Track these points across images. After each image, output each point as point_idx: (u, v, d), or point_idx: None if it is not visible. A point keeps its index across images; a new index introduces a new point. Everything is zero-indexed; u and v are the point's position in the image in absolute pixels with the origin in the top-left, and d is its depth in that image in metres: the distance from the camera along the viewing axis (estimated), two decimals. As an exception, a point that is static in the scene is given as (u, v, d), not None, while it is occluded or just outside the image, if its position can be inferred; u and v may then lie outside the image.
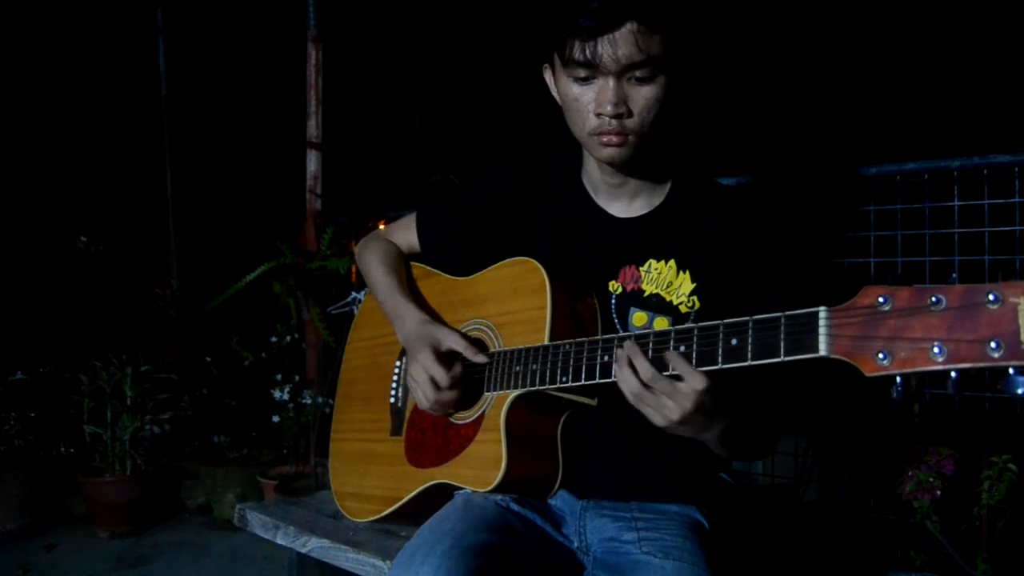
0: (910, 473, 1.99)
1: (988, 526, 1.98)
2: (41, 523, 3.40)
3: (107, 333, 3.76)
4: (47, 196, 4.29)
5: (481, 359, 1.33)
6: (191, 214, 4.34)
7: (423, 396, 1.36)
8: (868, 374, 0.86)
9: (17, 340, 3.71)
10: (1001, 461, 1.92)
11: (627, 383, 1.09)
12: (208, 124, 4.58)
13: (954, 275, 0.85)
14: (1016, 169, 1.93)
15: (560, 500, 1.35)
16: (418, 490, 1.41)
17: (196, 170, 4.41)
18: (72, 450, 3.57)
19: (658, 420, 1.10)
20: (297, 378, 3.33)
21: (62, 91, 4.35)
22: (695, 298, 1.31)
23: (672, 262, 1.32)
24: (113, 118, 4.49)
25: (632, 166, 1.32)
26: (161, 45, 4.32)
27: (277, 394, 3.23)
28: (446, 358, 1.36)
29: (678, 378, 1.06)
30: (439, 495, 1.35)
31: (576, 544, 1.31)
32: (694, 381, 1.05)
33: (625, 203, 1.38)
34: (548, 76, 1.33)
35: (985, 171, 1.97)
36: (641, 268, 1.34)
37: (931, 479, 1.96)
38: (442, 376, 1.33)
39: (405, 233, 1.64)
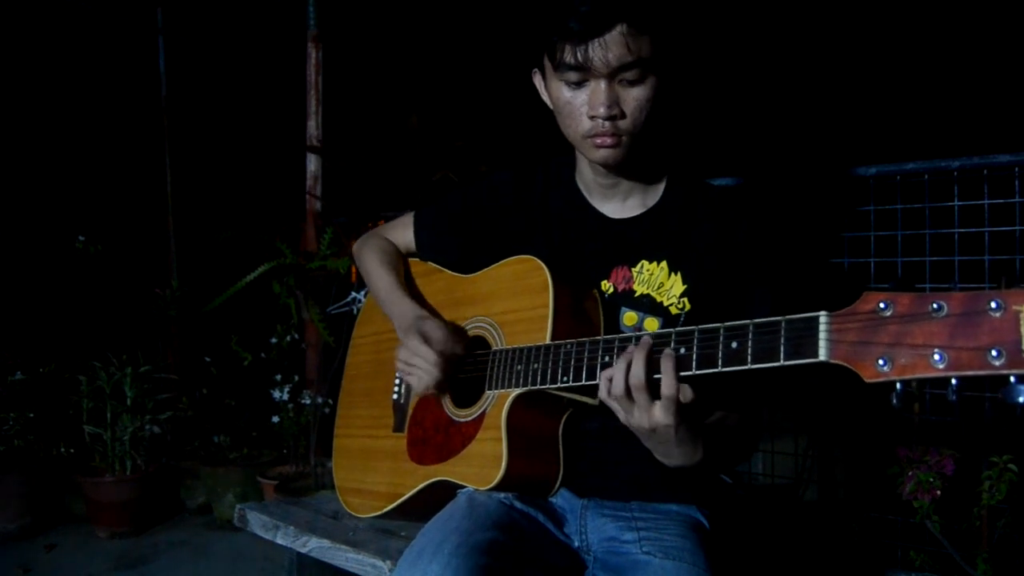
0: (910, 473, 1.99)
1: (988, 526, 1.98)
2: (41, 523, 3.40)
3: (107, 333, 3.76)
4: (46, 196, 4.29)
5: (456, 349, 1.36)
6: (191, 214, 4.34)
7: (415, 379, 1.36)
8: (868, 380, 0.85)
9: (17, 340, 3.71)
10: (1001, 461, 1.92)
11: (617, 380, 1.09)
12: (208, 124, 4.58)
13: (954, 285, 0.85)
14: (1016, 169, 1.93)
15: (561, 499, 1.35)
16: (420, 487, 1.41)
17: (196, 170, 4.40)
18: (72, 450, 3.56)
19: (622, 419, 1.12)
20: (297, 378, 3.32)
21: (62, 91, 4.35)
22: (686, 300, 1.32)
23: (664, 263, 1.33)
24: (113, 118, 4.49)
25: (625, 167, 1.32)
26: (161, 45, 4.31)
27: (277, 394, 3.23)
28: (433, 343, 1.37)
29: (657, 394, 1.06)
30: (441, 492, 1.35)
31: (577, 544, 1.31)
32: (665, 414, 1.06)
33: (618, 204, 1.39)
34: (538, 80, 1.34)
35: (985, 171, 1.97)
36: (633, 269, 1.34)
37: (931, 479, 1.96)
38: (428, 353, 1.34)
39: (403, 232, 1.66)
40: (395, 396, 1.57)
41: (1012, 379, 0.77)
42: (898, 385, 0.84)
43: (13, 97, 4.16)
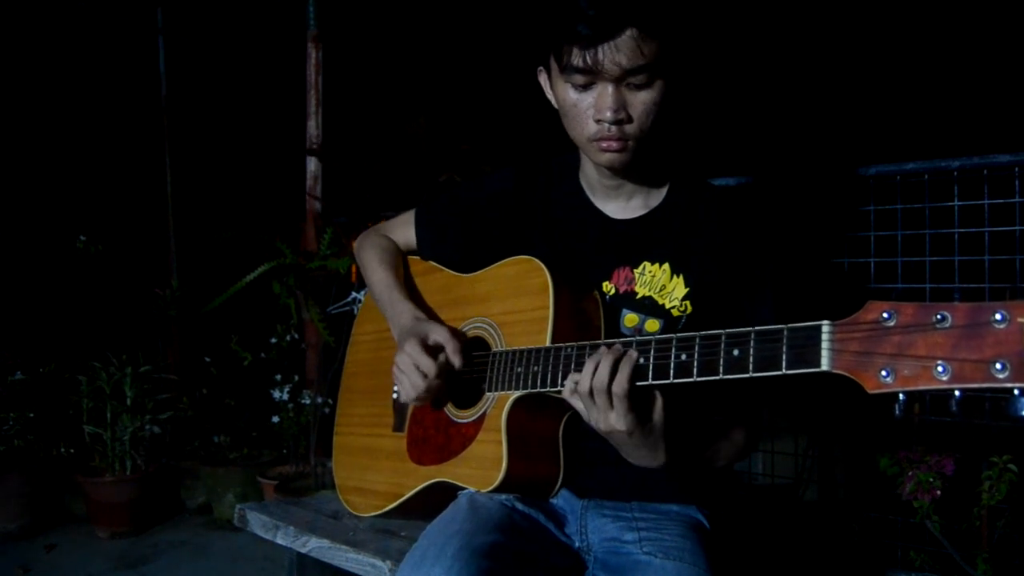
0: (910, 473, 1.99)
1: (988, 526, 1.98)
2: (41, 523, 3.40)
3: (107, 333, 3.76)
4: (47, 196, 4.29)
5: (457, 361, 1.34)
6: (191, 214, 4.34)
7: (410, 385, 1.35)
8: (870, 391, 0.84)
9: (17, 340, 3.71)
10: (1001, 461, 1.92)
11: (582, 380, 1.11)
12: (208, 124, 4.58)
13: (957, 295, 0.83)
14: (1016, 169, 1.93)
15: (561, 500, 1.35)
16: (420, 487, 1.41)
17: (196, 170, 4.41)
18: (72, 450, 3.57)
19: (584, 417, 1.14)
20: (297, 378, 3.32)
21: (62, 91, 4.35)
22: (688, 303, 1.31)
23: (666, 265, 1.33)
24: (113, 118, 4.49)
25: (630, 169, 1.32)
26: (161, 45, 4.31)
27: (277, 394, 3.23)
28: (432, 350, 1.36)
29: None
30: (441, 493, 1.35)
31: (578, 544, 1.31)
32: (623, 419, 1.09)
33: (622, 204, 1.38)
34: (543, 79, 1.33)
35: (985, 171, 1.96)
36: (635, 270, 1.34)
37: (931, 479, 1.96)
38: (429, 365, 1.32)
39: (404, 229, 1.65)
40: (395, 395, 1.57)
41: (1016, 392, 0.76)
42: (901, 396, 0.83)
43: (13, 97, 4.16)
